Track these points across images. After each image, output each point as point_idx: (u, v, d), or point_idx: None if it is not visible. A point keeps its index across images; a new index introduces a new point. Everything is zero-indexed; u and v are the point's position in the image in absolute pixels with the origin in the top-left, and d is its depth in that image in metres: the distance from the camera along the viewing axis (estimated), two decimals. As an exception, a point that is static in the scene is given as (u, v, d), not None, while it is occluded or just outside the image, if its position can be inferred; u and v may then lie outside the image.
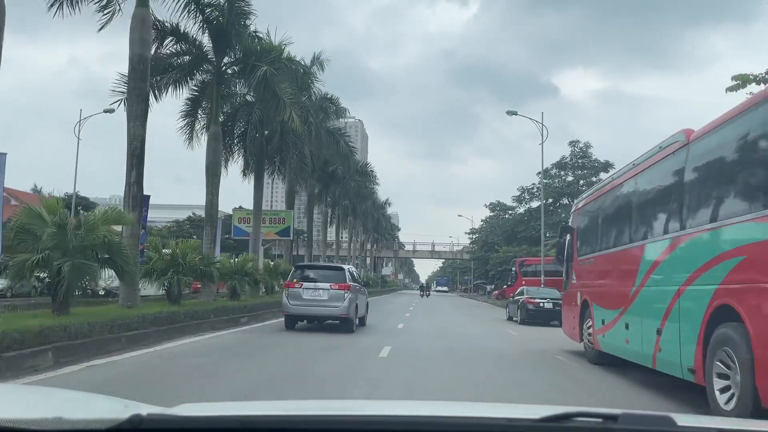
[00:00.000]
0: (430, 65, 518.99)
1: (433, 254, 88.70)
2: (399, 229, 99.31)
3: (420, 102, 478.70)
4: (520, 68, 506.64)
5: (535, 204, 41.47)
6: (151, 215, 60.57)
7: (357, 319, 15.52)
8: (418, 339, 14.45)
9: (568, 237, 13.18)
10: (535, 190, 41.31)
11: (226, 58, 20.39)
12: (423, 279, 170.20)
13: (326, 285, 14.92)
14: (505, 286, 60.46)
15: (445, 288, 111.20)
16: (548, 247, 33.04)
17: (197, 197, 30.75)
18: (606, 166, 39.44)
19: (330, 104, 31.21)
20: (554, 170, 40.50)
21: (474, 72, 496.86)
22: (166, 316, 11.56)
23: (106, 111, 34.86)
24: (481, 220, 76.13)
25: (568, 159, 40.55)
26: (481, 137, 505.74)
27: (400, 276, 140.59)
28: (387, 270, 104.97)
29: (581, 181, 40.08)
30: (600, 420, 1.49)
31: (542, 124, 34.43)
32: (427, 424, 1.60)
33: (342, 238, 73.19)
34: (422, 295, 59.39)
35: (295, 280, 15.31)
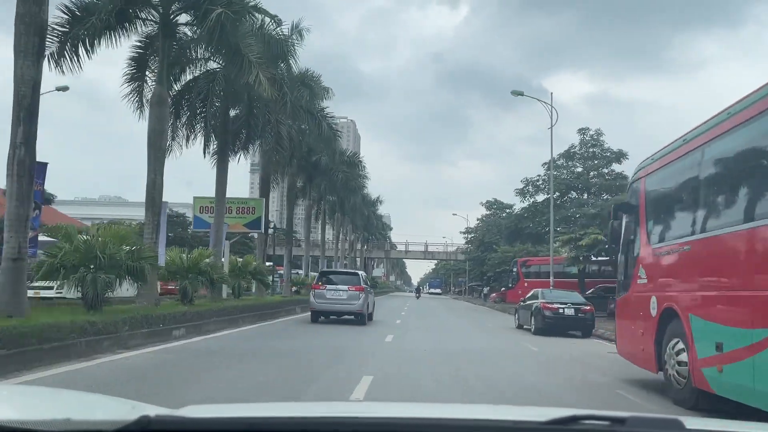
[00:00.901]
0: (422, 68, 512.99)
1: (426, 254, 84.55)
2: (391, 229, 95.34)
3: (412, 105, 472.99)
4: (510, 71, 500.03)
5: (540, 197, 37.59)
6: (131, 213, 56.37)
7: (370, 314, 19.00)
8: (413, 361, 10.56)
9: (625, 218, 9.35)
10: (540, 182, 37.38)
11: (175, 4, 16.45)
12: (415, 281, 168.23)
13: (345, 287, 18.06)
14: (503, 289, 56.71)
15: (438, 290, 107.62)
16: (559, 244, 29.18)
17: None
18: (620, 156, 35.58)
19: (310, 81, 27.29)
20: (561, 161, 36.61)
21: (465, 75, 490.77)
22: (30, 330, 7.58)
23: (59, 89, 30.94)
24: (477, 219, 72.41)
25: (577, 148, 36.61)
26: (473, 140, 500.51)
27: (392, 278, 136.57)
28: (378, 271, 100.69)
29: (592, 173, 36.13)
30: (608, 423, 1.47)
31: (551, 106, 30.69)
32: (433, 427, 1.60)
33: (329, 236, 69.27)
34: (417, 297, 66.92)
35: (320, 283, 18.59)
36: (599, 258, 28.97)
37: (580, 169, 36.51)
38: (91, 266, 12.16)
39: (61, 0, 15.03)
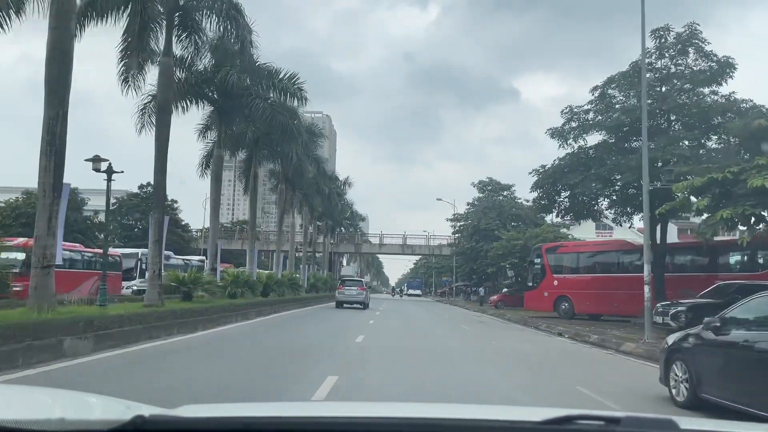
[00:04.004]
0: (393, 69, 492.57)
1: (404, 249, 69.79)
2: (363, 219, 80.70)
3: (385, 105, 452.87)
4: (481, 72, 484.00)
5: (593, 139, 23.18)
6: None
7: (367, 303, 33.20)
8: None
9: None
10: (591, 114, 23.11)
11: None
12: (392, 282, 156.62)
13: (355, 287, 33.20)
14: (505, 290, 42.57)
15: (418, 291, 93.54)
16: (680, 197, 14.83)
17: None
18: (725, 68, 21.48)
19: None
20: (624, 81, 22.57)
21: (436, 76, 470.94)
22: None
23: None
24: (468, 204, 58.22)
25: (654, 57, 22.34)
26: (447, 141, 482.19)
27: (368, 277, 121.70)
28: (349, 269, 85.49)
29: (682, 96, 21.76)
30: (602, 423, 1.47)
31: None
32: (430, 427, 1.59)
33: (268, 217, 54.10)
34: (393, 296, 66.83)
35: (341, 285, 34.07)
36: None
37: (662, 89, 22.14)
38: None
39: None
